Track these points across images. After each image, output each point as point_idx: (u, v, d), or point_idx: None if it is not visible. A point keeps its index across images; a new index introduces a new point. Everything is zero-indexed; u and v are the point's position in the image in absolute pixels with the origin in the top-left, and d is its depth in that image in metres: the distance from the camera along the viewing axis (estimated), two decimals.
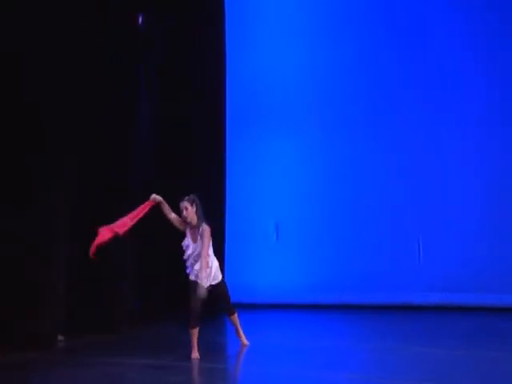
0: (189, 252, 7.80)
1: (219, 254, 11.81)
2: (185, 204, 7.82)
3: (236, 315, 8.30)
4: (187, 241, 7.84)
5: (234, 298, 11.89)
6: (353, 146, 12.16)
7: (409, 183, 11.94)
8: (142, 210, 7.77)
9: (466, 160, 11.79)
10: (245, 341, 8.35)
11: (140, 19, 11.26)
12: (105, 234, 7.51)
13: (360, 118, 12.17)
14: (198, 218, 7.83)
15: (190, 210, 7.80)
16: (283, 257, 12.01)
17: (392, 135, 12.03)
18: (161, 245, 11.37)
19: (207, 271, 7.73)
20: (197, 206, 7.84)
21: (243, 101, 12.49)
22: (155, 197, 7.79)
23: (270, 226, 12.15)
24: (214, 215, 11.84)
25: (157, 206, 7.81)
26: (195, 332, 7.73)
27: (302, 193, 12.17)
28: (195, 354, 7.64)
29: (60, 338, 8.70)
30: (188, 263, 7.84)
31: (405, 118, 12.01)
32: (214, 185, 11.97)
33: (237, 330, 8.38)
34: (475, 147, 11.76)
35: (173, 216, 7.87)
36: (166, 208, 7.85)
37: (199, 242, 7.79)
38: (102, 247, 7.49)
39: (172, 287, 11.25)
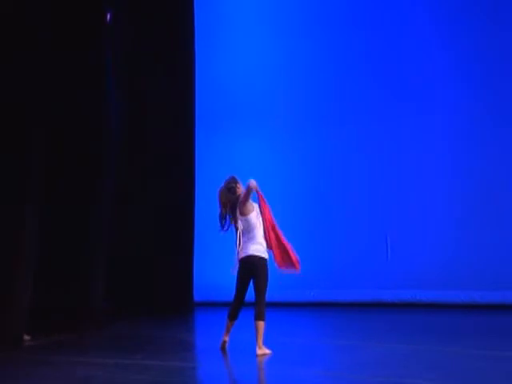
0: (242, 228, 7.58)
1: (188, 253, 11.81)
2: (235, 185, 7.69)
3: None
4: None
5: (204, 296, 11.98)
6: (323, 145, 12.16)
7: (376, 181, 11.95)
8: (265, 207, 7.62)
9: (432, 159, 11.83)
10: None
11: (109, 16, 11.18)
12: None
13: (330, 117, 12.16)
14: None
15: (240, 187, 7.71)
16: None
17: (362, 135, 12.04)
18: (129, 243, 11.31)
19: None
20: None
21: (213, 99, 12.43)
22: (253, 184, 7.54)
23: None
24: (184, 213, 11.82)
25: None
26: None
27: (271, 191, 12.11)
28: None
29: (26, 337, 8.59)
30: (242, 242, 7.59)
31: (373, 118, 12.02)
32: (183, 184, 11.92)
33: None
34: (442, 146, 11.81)
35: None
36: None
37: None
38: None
39: (141, 285, 11.20)
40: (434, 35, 11.90)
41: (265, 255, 7.56)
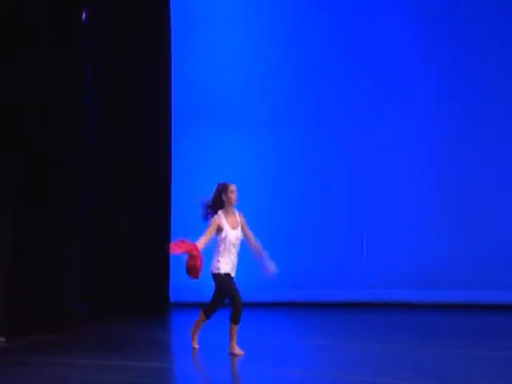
0: (230, 239, 7.58)
1: (164, 253, 11.77)
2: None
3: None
4: (226, 229, 7.60)
5: (180, 297, 11.95)
6: (302, 145, 12.18)
7: (353, 181, 12.00)
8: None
9: (408, 159, 11.90)
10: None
11: (84, 15, 11.12)
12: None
13: (309, 118, 12.16)
14: None
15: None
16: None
17: (338, 135, 12.08)
18: (105, 244, 11.28)
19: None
20: None
21: (189, 99, 12.39)
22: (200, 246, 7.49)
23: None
24: (160, 215, 11.80)
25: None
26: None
27: (248, 192, 12.11)
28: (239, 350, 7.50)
29: (0, 339, 8.53)
30: (225, 254, 7.61)
31: (352, 119, 12.06)
32: (160, 184, 11.89)
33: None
34: (419, 146, 11.89)
35: (210, 228, 7.64)
36: (204, 240, 7.58)
37: (239, 227, 7.64)
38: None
39: (117, 286, 11.17)
40: (414, 37, 11.98)
41: (212, 270, 7.68)
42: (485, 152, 11.60)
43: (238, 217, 7.75)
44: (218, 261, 7.65)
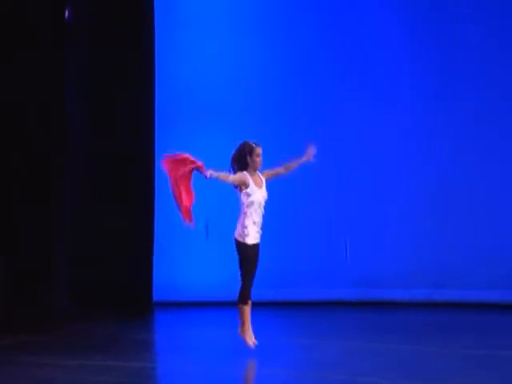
0: (257, 199, 7.38)
1: (147, 251, 11.76)
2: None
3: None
4: (252, 188, 7.41)
5: (164, 296, 11.93)
6: (285, 144, 12.12)
7: (335, 181, 12.01)
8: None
9: (392, 159, 11.95)
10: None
11: (67, 13, 11.08)
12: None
13: (293, 117, 12.13)
14: None
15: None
16: (213, 255, 11.96)
17: (322, 134, 12.03)
18: (90, 243, 11.24)
19: None
20: None
21: (173, 98, 12.35)
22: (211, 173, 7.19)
23: (199, 224, 12.06)
24: (143, 212, 11.77)
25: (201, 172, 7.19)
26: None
27: (231, 191, 12.11)
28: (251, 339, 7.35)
29: None
30: (251, 217, 7.37)
31: (333, 117, 12.06)
32: (143, 183, 11.85)
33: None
34: (399, 148, 11.94)
35: (235, 176, 7.40)
36: (222, 175, 7.33)
37: (263, 187, 7.44)
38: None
39: (102, 285, 11.14)
40: (402, 37, 12.01)
41: (236, 236, 7.42)
42: (481, 152, 11.69)
43: (261, 177, 7.54)
44: (245, 226, 7.33)
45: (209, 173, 7.17)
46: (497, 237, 11.49)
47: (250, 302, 7.49)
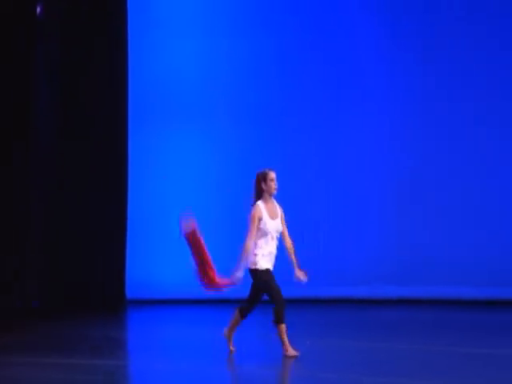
0: (269, 230, 7.26)
1: (121, 248, 11.71)
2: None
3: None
4: (265, 219, 7.28)
5: (137, 294, 11.89)
6: (260, 142, 12.16)
7: (312, 178, 12.05)
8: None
9: (365, 156, 12.02)
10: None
11: (38, 9, 11.01)
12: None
13: (268, 114, 12.14)
14: None
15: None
16: (187, 252, 11.91)
17: (300, 128, 12.11)
18: (61, 241, 11.18)
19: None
20: None
21: (147, 95, 12.29)
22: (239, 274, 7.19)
23: (174, 220, 12.02)
24: (116, 209, 11.72)
25: None
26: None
27: (207, 187, 12.10)
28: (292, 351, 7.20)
29: None
30: (263, 247, 7.27)
31: (311, 114, 12.10)
32: (116, 181, 11.80)
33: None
34: (377, 145, 12.03)
35: (251, 226, 7.29)
36: (246, 251, 7.27)
37: (278, 218, 7.34)
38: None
39: (74, 284, 11.08)
40: (382, 38, 12.09)
41: (249, 265, 7.33)
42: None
43: (278, 207, 7.46)
44: (256, 254, 7.25)
45: (238, 275, 7.21)
46: (483, 235, 11.64)
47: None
